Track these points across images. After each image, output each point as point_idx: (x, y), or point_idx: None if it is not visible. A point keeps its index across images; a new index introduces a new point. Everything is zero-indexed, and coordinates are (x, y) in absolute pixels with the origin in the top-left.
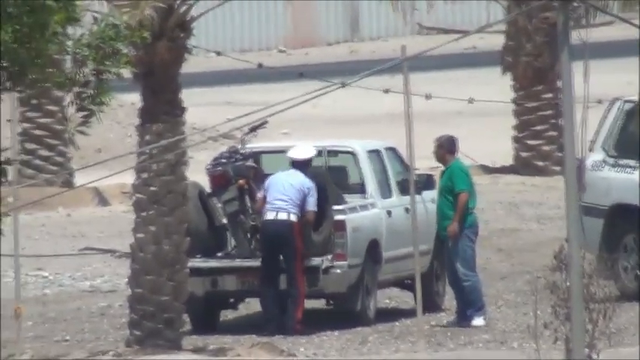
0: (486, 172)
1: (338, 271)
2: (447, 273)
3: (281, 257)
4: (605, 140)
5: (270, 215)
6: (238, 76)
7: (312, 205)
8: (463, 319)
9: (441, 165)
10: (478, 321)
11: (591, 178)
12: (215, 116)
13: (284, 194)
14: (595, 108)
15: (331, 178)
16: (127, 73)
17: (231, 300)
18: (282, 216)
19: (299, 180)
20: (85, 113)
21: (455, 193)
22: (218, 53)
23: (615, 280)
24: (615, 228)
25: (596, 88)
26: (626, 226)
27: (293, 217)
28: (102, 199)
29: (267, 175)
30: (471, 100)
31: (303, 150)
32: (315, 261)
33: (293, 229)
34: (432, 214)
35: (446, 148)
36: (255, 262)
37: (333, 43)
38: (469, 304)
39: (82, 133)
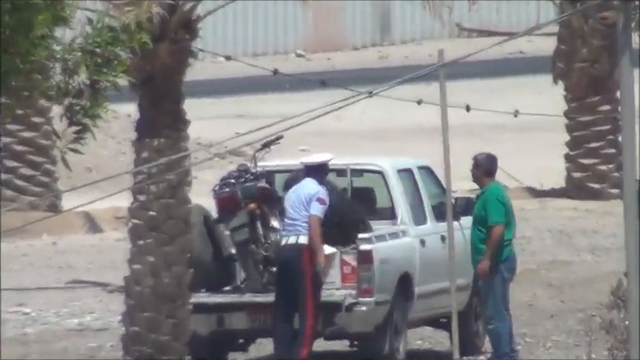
0: (534, 196)
1: (363, 308)
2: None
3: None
4: None
5: (282, 241)
6: (250, 85)
7: (314, 209)
8: None
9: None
10: None
11: None
12: (223, 130)
13: (291, 213)
14: None
15: (356, 202)
16: (123, 81)
17: (241, 340)
18: (292, 240)
19: (307, 189)
20: (78, 128)
21: (488, 225)
22: (227, 58)
23: None
24: None
25: None
26: None
27: (303, 239)
28: (93, 225)
29: (281, 198)
30: (516, 113)
31: (317, 155)
32: (337, 296)
33: (301, 253)
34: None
35: (483, 168)
36: (268, 298)
37: (360, 46)
38: (494, 349)
39: (74, 151)
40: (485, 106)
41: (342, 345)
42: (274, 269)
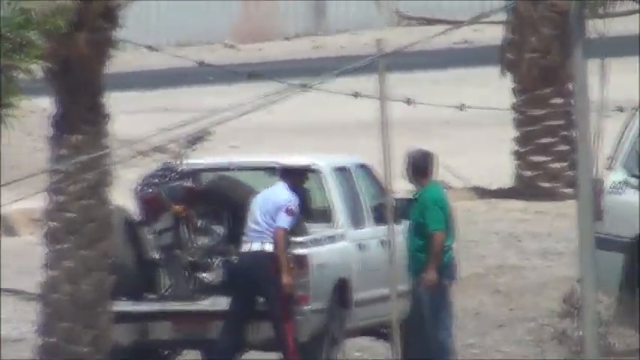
0: (480, 196)
1: (298, 317)
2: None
3: (256, 300)
4: (628, 157)
5: (244, 246)
6: (176, 77)
7: (281, 221)
8: None
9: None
10: None
11: (610, 204)
12: (147, 125)
13: (257, 217)
14: (615, 117)
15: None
16: (38, 68)
17: (165, 352)
18: (256, 246)
19: (276, 197)
20: None
21: (428, 232)
22: (151, 48)
23: (638, 328)
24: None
25: (617, 93)
26: None
27: (269, 247)
28: (7, 229)
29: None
30: (462, 107)
31: (295, 157)
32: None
33: (268, 260)
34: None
35: (417, 167)
36: (195, 306)
37: (293, 36)
38: None
39: None
40: (428, 100)
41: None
42: (203, 275)
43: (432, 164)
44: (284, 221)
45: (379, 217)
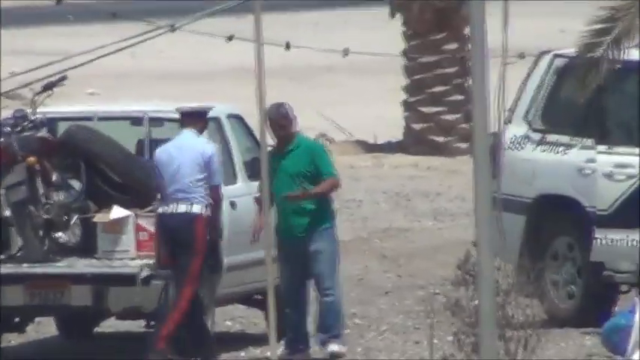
0: (366, 151)
1: (162, 282)
2: (290, 284)
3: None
4: (529, 109)
5: (165, 208)
6: (29, 16)
7: (218, 178)
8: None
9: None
10: (338, 347)
11: (509, 160)
12: None
13: (178, 174)
14: (516, 65)
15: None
16: None
17: (16, 319)
18: (182, 208)
19: (197, 147)
20: None
21: (324, 179)
22: None
23: (541, 298)
24: (541, 228)
25: (518, 38)
26: (555, 225)
27: (196, 208)
28: None
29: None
30: (346, 52)
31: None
32: (131, 267)
33: (194, 224)
34: None
35: (283, 119)
36: (49, 269)
37: None
38: (331, 327)
39: None
40: (308, 44)
41: (136, 325)
42: (58, 235)
43: (293, 113)
44: (220, 177)
45: (253, 173)
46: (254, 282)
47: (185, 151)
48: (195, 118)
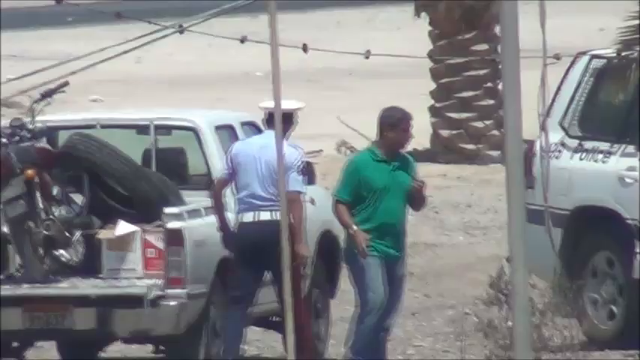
0: None
1: (172, 302)
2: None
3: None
4: (565, 114)
5: (245, 216)
6: (28, 17)
7: (296, 184)
8: None
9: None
10: None
11: (545, 170)
12: None
13: (264, 179)
14: (551, 67)
15: (163, 166)
16: None
17: (15, 344)
18: (265, 216)
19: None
20: None
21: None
22: None
23: (580, 318)
24: (580, 242)
25: (554, 38)
26: (595, 239)
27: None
28: None
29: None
30: (368, 54)
31: (289, 101)
32: (138, 287)
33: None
34: (313, 221)
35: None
36: (50, 290)
37: None
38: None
39: None
40: (328, 46)
41: (144, 351)
42: (60, 253)
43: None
44: (299, 184)
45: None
46: (270, 302)
47: (268, 155)
48: (284, 120)
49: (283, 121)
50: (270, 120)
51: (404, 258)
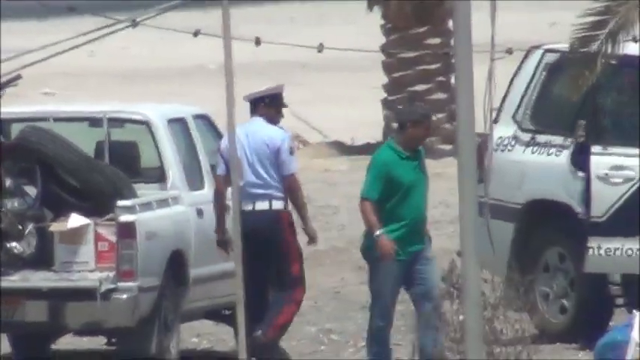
0: (342, 153)
1: (124, 295)
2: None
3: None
4: (518, 108)
5: (246, 206)
6: None
7: (291, 166)
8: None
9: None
10: None
11: (497, 163)
12: None
13: (253, 168)
14: (503, 61)
15: (116, 159)
16: None
17: None
18: (262, 205)
19: (268, 135)
20: None
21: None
22: None
23: (531, 312)
24: (532, 237)
25: (506, 33)
26: (547, 234)
27: (278, 205)
28: None
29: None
30: (320, 48)
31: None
32: (90, 280)
33: (280, 221)
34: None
35: None
36: (3, 282)
37: None
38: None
39: None
40: (281, 39)
41: (96, 342)
42: (12, 245)
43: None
44: (294, 166)
45: None
46: (222, 296)
47: (252, 141)
48: (265, 104)
49: (273, 104)
50: (254, 107)
51: (430, 241)
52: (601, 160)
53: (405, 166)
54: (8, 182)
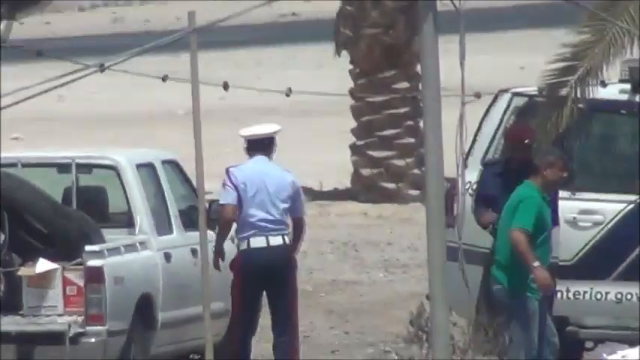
0: (311, 198)
1: (92, 339)
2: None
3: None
4: (487, 152)
5: (256, 241)
6: None
7: (302, 209)
8: None
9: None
10: None
11: (466, 208)
12: None
13: (271, 204)
14: (472, 104)
15: (84, 204)
16: None
17: None
18: (276, 240)
19: (278, 175)
20: None
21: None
22: None
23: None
24: None
25: (474, 76)
26: None
27: (288, 240)
28: None
29: None
30: (288, 92)
31: (266, 125)
32: (58, 324)
33: (291, 258)
34: (230, 258)
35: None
36: None
37: (89, 7)
38: None
39: None
40: (249, 84)
41: None
42: None
43: None
44: (304, 208)
45: (189, 223)
46: (192, 339)
47: (272, 179)
48: (267, 144)
49: (267, 145)
50: (251, 146)
51: None
52: (569, 205)
53: (547, 209)
54: None
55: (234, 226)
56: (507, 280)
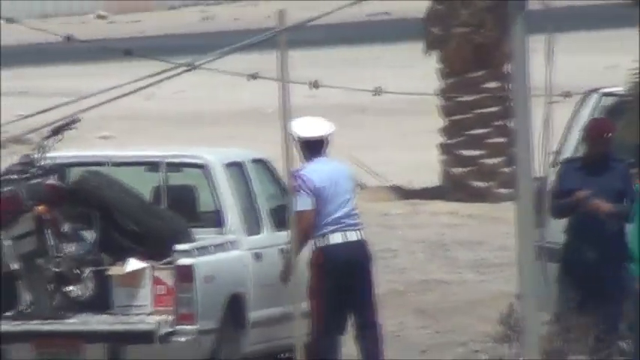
0: (401, 197)
1: (182, 338)
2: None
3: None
4: (575, 152)
5: (333, 237)
6: (38, 54)
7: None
8: None
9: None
10: None
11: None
12: (2, 111)
13: (348, 199)
14: (561, 104)
15: (173, 203)
16: None
17: None
18: (354, 235)
19: (343, 168)
20: None
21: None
22: (9, 20)
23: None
24: None
25: (563, 76)
26: None
27: (364, 235)
28: None
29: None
30: (378, 91)
31: (320, 124)
32: (148, 323)
33: (370, 253)
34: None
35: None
36: (59, 326)
37: (178, 6)
38: None
39: None
40: (338, 83)
41: None
42: (70, 289)
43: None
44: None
45: (279, 222)
46: (281, 338)
47: (341, 175)
48: (326, 143)
49: (322, 145)
50: (308, 146)
51: None
52: None
53: None
54: (66, 227)
55: None
56: None
